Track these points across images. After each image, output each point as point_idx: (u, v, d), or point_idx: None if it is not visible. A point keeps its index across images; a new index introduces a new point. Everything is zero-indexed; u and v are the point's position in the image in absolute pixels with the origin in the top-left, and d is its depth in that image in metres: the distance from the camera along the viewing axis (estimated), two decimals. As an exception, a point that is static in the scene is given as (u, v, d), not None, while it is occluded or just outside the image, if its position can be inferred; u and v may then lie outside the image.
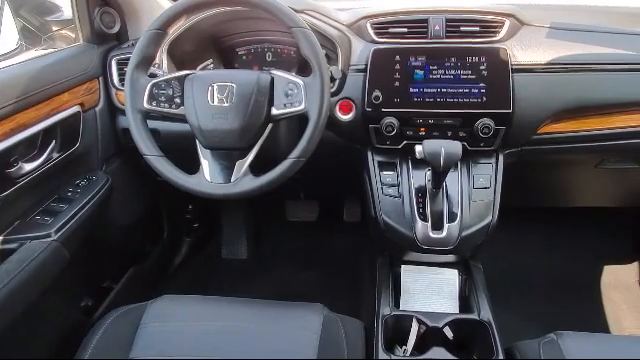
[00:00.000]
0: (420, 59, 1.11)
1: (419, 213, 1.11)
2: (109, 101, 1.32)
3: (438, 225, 1.10)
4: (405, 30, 1.15)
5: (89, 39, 1.31)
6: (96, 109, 1.29)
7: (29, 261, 0.98)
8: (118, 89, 1.30)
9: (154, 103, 0.99)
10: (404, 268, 1.25)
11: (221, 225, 2.00)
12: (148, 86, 0.98)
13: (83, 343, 0.92)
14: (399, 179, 1.17)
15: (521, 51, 1.12)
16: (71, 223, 1.11)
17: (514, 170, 1.21)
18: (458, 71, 1.10)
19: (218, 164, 1.00)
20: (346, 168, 1.31)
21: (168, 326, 0.94)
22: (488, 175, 1.15)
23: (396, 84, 1.12)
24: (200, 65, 1.29)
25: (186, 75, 1.00)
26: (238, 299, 1.03)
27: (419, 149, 1.01)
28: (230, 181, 0.96)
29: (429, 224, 1.10)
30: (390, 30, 1.16)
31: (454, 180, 1.14)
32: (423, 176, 1.16)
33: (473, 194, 1.14)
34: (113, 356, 0.89)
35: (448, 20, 1.13)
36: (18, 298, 0.96)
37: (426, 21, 1.14)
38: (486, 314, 1.08)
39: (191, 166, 1.00)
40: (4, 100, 0.99)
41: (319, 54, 0.95)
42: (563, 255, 1.83)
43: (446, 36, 1.13)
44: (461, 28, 1.13)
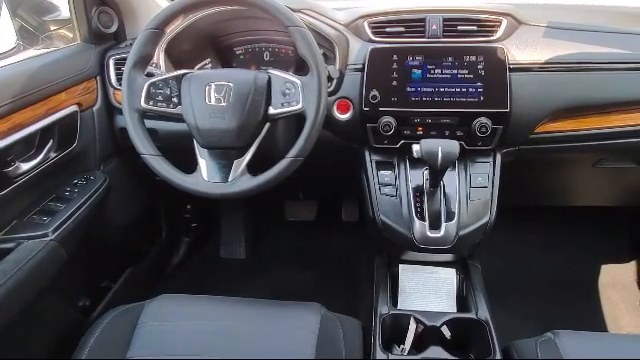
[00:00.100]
0: (417, 58, 1.11)
1: (417, 212, 1.11)
2: (107, 101, 1.32)
3: (436, 224, 1.10)
4: (402, 29, 1.15)
5: (87, 39, 1.31)
6: (94, 109, 1.29)
7: (26, 261, 0.98)
8: (116, 89, 1.30)
9: (151, 102, 0.99)
10: (402, 267, 1.25)
11: (219, 225, 2.00)
12: (145, 85, 0.98)
13: (81, 343, 0.92)
14: (397, 178, 1.17)
15: (518, 50, 1.12)
16: (68, 223, 1.11)
17: (512, 169, 1.21)
18: (455, 70, 1.10)
19: (215, 163, 0.99)
20: (344, 168, 1.31)
21: (166, 325, 0.94)
22: (486, 174, 1.16)
23: (394, 83, 1.12)
24: (198, 64, 1.29)
25: (183, 74, 1.00)
26: (236, 299, 1.03)
27: (416, 148, 1.01)
28: (227, 180, 0.96)
29: (427, 223, 1.10)
30: (387, 29, 1.16)
31: (452, 179, 1.14)
32: (421, 175, 1.16)
33: (471, 193, 1.14)
34: (111, 356, 0.89)
35: (445, 19, 1.13)
36: (15, 298, 0.95)
37: (423, 20, 1.14)
38: (484, 313, 1.08)
39: (188, 165, 1.00)
40: (0, 100, 0.98)
41: (316, 53, 0.95)
42: (561, 254, 1.83)
43: (443, 35, 1.13)
44: (458, 27, 1.13)
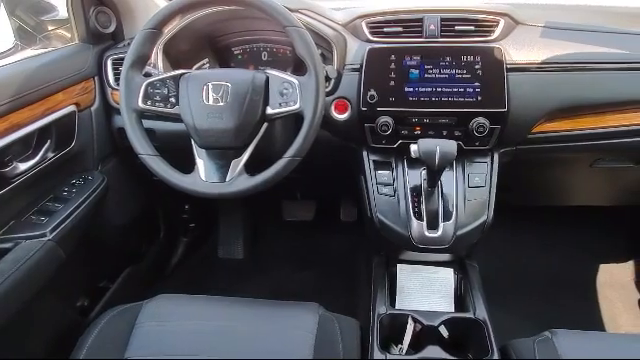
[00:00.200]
0: (415, 58, 1.11)
1: (414, 212, 1.12)
2: (104, 101, 1.32)
3: (433, 224, 1.10)
4: (400, 29, 1.15)
5: (84, 39, 1.31)
6: (91, 109, 1.29)
7: (24, 261, 0.98)
8: (114, 89, 1.30)
9: (149, 102, 0.99)
10: (400, 267, 1.25)
11: (218, 225, 2.00)
12: (143, 85, 0.98)
13: (79, 343, 0.92)
14: (394, 178, 1.17)
15: (516, 50, 1.12)
16: (66, 223, 1.11)
17: (509, 169, 1.21)
18: (453, 70, 1.11)
19: (213, 163, 0.99)
20: (342, 168, 1.31)
21: (164, 326, 0.94)
22: (483, 174, 1.16)
23: (391, 83, 1.12)
24: (196, 64, 1.29)
25: (181, 74, 1.00)
26: (234, 299, 1.03)
27: (414, 148, 1.01)
28: (225, 180, 0.97)
29: (424, 223, 1.10)
30: (385, 29, 1.16)
31: (449, 179, 1.14)
32: (418, 175, 1.16)
33: (468, 193, 1.14)
34: (109, 356, 0.89)
35: (443, 19, 1.14)
36: (13, 298, 0.95)
37: (421, 20, 1.14)
38: (481, 313, 1.08)
39: (186, 165, 1.00)
40: None
41: (314, 53, 0.95)
42: (558, 254, 1.83)
43: (441, 35, 1.13)
44: (456, 27, 1.13)
